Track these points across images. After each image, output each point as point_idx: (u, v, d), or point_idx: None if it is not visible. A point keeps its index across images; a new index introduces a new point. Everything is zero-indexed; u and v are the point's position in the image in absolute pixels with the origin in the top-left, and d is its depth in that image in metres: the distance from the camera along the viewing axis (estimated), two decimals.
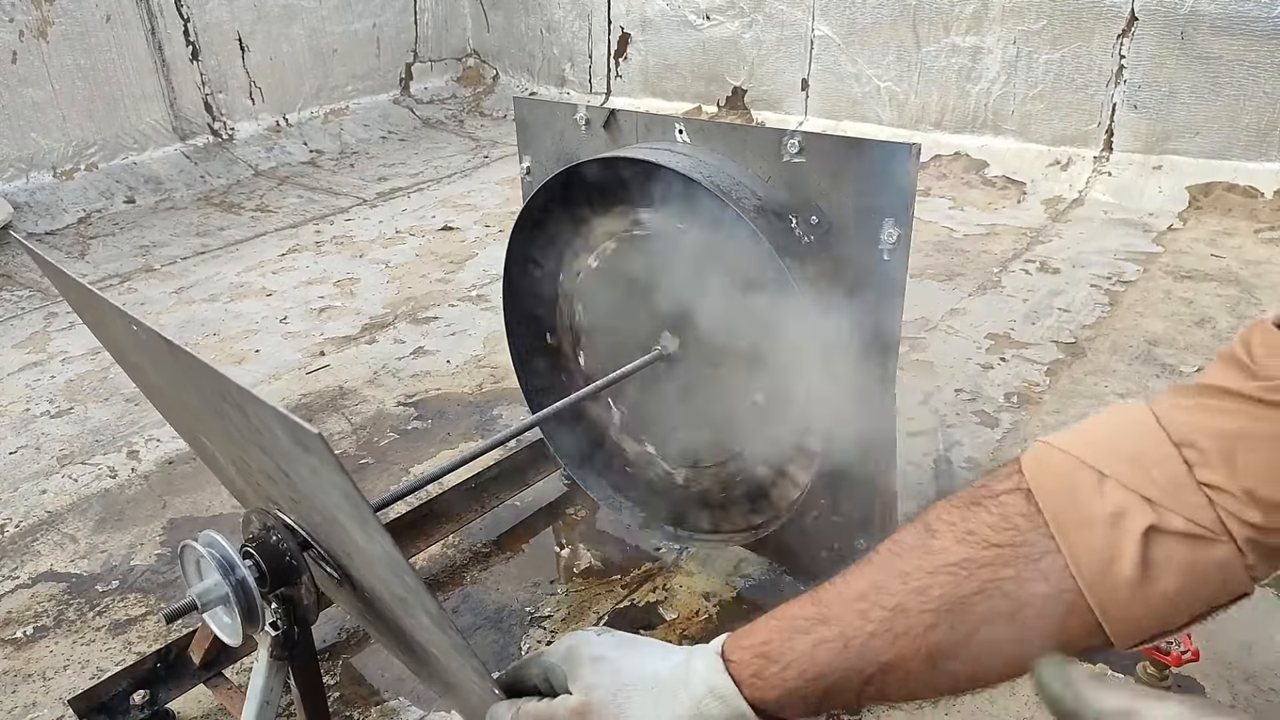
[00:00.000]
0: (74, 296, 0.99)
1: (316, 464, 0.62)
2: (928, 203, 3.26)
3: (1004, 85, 3.42)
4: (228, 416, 0.78)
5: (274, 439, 0.68)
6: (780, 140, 1.07)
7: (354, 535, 0.71)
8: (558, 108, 1.33)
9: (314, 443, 0.58)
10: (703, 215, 1.14)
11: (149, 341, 0.80)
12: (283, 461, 0.73)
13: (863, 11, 3.64)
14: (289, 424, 0.60)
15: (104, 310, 0.89)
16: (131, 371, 1.05)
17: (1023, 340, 2.28)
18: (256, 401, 0.64)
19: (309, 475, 0.68)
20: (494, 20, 4.92)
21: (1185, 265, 2.69)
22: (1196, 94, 3.07)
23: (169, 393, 0.96)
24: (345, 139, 4.34)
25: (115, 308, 0.83)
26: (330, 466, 0.59)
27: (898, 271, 1.03)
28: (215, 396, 0.76)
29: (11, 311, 2.71)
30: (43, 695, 1.34)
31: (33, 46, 3.36)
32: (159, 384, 0.95)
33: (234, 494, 1.15)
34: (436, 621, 0.70)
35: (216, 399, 0.77)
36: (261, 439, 0.73)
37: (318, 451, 0.59)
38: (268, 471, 0.82)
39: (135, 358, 0.94)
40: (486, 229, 3.23)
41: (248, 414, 0.70)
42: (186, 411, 0.96)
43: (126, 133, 3.70)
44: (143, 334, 0.80)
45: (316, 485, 0.68)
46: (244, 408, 0.70)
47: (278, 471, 0.78)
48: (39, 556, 1.64)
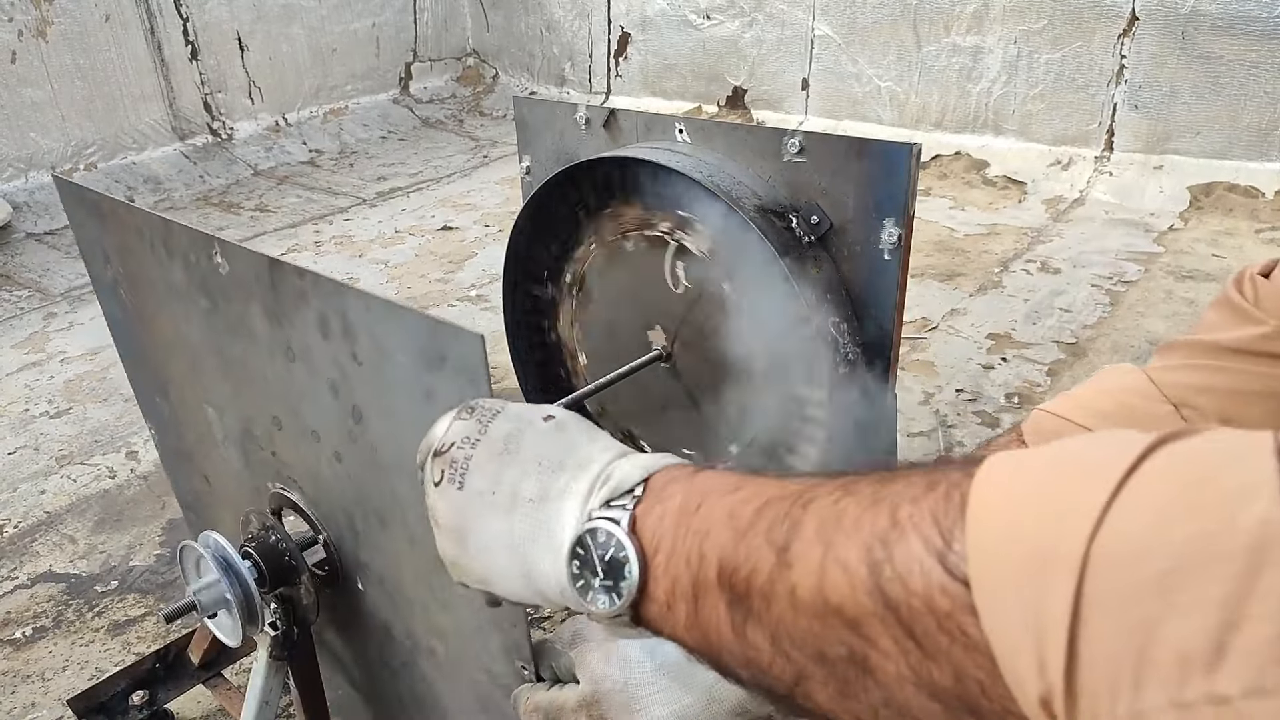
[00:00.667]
0: (115, 239, 0.96)
1: (449, 379, 0.62)
2: (928, 202, 3.26)
3: (1005, 85, 3.42)
4: (296, 356, 0.78)
5: (387, 365, 0.67)
6: (781, 140, 1.06)
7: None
8: (558, 107, 1.33)
9: (473, 343, 0.57)
10: (703, 215, 1.13)
11: (233, 268, 0.79)
12: (375, 397, 0.72)
13: (863, 11, 3.63)
14: (446, 329, 0.59)
15: (168, 241, 0.87)
16: (145, 330, 1.03)
17: (1024, 340, 2.28)
18: (401, 311, 0.63)
19: (412, 405, 0.67)
20: (494, 20, 4.92)
21: (1186, 265, 2.69)
22: (1197, 94, 3.07)
23: (198, 353, 0.94)
24: (344, 139, 4.34)
25: (198, 231, 0.82)
26: (481, 379, 0.58)
27: (898, 271, 1.03)
28: (302, 329, 0.75)
29: (10, 312, 2.71)
30: (41, 696, 1.33)
31: (32, 46, 3.36)
32: (193, 341, 0.93)
33: (186, 501, 1.14)
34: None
35: (293, 337, 0.77)
36: (345, 375, 0.73)
37: (473, 352, 0.58)
38: (315, 429, 0.82)
39: (177, 307, 0.92)
40: (486, 229, 3.23)
41: (358, 338, 0.70)
42: (207, 377, 0.95)
43: (126, 132, 3.69)
44: (227, 259, 0.79)
45: (412, 417, 0.67)
46: (364, 330, 0.69)
47: (338, 421, 0.77)
48: (38, 557, 1.64)
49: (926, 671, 0.34)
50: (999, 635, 0.31)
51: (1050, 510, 0.31)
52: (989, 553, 0.32)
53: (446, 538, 0.51)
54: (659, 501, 0.46)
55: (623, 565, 0.44)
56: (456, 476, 0.50)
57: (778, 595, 0.39)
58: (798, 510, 0.40)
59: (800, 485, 0.42)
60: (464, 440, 0.51)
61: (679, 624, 0.44)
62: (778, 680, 0.40)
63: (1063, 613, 0.29)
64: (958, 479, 0.35)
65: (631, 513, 0.45)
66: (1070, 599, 0.29)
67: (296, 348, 0.78)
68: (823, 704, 0.39)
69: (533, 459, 0.49)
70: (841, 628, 0.36)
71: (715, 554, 0.42)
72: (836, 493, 0.39)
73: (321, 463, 0.84)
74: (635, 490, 0.46)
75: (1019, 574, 0.30)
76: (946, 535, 0.34)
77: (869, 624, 0.35)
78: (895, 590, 0.34)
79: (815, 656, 0.38)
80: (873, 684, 0.36)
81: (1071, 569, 0.29)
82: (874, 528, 0.36)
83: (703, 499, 0.44)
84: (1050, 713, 0.30)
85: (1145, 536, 0.28)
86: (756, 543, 0.40)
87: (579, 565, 0.46)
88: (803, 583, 0.38)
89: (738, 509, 0.42)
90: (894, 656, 0.35)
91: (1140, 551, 0.28)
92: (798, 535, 0.39)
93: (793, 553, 0.39)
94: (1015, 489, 0.33)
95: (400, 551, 0.80)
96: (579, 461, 0.49)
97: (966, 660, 0.32)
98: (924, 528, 0.34)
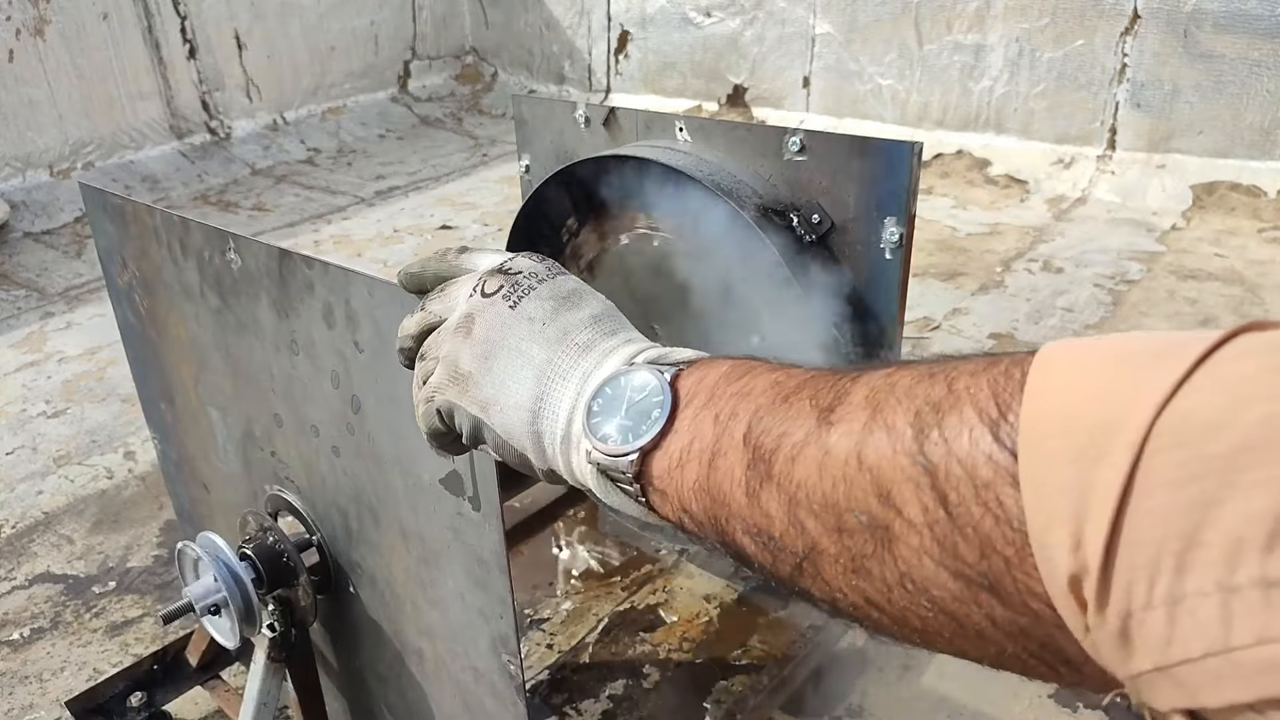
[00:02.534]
0: (135, 244, 0.98)
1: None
2: (930, 201, 3.25)
3: (1007, 83, 3.41)
4: (300, 349, 0.80)
5: (388, 350, 0.68)
6: (781, 138, 1.06)
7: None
8: (557, 105, 1.32)
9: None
10: (703, 214, 1.13)
11: (244, 263, 0.83)
12: (375, 384, 0.73)
13: (864, 9, 3.62)
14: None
15: (185, 240, 0.90)
16: (156, 333, 1.04)
17: (1026, 340, 2.27)
18: (404, 295, 0.62)
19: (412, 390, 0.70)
20: (493, 17, 4.91)
21: (1189, 265, 2.68)
22: (1200, 93, 3.06)
23: (206, 354, 0.96)
24: (343, 137, 4.33)
25: (213, 228, 0.86)
26: None
27: (899, 270, 1.02)
28: (307, 320, 0.77)
29: (8, 312, 2.70)
30: (40, 697, 1.33)
31: (29, 45, 3.35)
32: (202, 341, 0.95)
33: (184, 511, 1.15)
34: (495, 554, 0.69)
35: (298, 329, 0.78)
36: (347, 365, 0.74)
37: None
38: (315, 423, 0.83)
39: (188, 308, 0.94)
40: (485, 227, 3.22)
41: (360, 325, 0.71)
42: (213, 377, 0.97)
43: (123, 131, 3.68)
44: (240, 254, 0.83)
45: (411, 402, 0.70)
46: (367, 316, 0.70)
47: (338, 412, 0.79)
48: (36, 558, 1.63)
49: (952, 544, 0.32)
50: (1037, 509, 0.29)
51: (1116, 387, 0.29)
52: (1044, 422, 0.30)
53: (472, 348, 0.49)
54: (704, 366, 0.45)
55: (651, 409, 0.43)
56: (513, 296, 0.49)
57: (806, 458, 0.37)
58: (847, 381, 0.38)
59: (852, 369, 0.40)
60: (531, 273, 0.50)
61: (684, 485, 0.42)
62: (785, 551, 0.38)
63: (1113, 487, 0.27)
64: (1020, 357, 0.33)
65: (676, 369, 0.44)
66: (1124, 473, 0.26)
67: (301, 340, 0.80)
68: (830, 581, 0.37)
69: (590, 316, 0.49)
70: (870, 493, 0.35)
71: (748, 413, 0.40)
72: (890, 368, 0.38)
73: (319, 458, 0.85)
74: (681, 365, 0.45)
75: (1072, 448, 0.28)
76: (1003, 406, 0.32)
77: (901, 489, 0.34)
78: (938, 453, 0.33)
79: (833, 527, 0.36)
80: (890, 558, 0.34)
81: (1130, 443, 0.27)
82: (928, 395, 0.34)
83: (749, 370, 0.43)
84: (1078, 595, 0.28)
85: (1216, 414, 0.26)
86: (798, 408, 0.39)
87: (600, 404, 0.45)
88: (840, 444, 0.36)
89: (784, 379, 0.41)
90: (919, 527, 0.33)
91: (1208, 428, 0.26)
92: (844, 400, 0.37)
93: (836, 414, 0.37)
94: (1080, 364, 0.31)
95: (393, 546, 0.81)
96: (631, 336, 0.49)
97: (996, 534, 0.31)
98: (980, 398, 0.33)
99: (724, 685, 1.29)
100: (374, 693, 0.97)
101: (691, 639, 1.37)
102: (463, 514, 0.73)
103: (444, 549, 0.76)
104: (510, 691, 0.76)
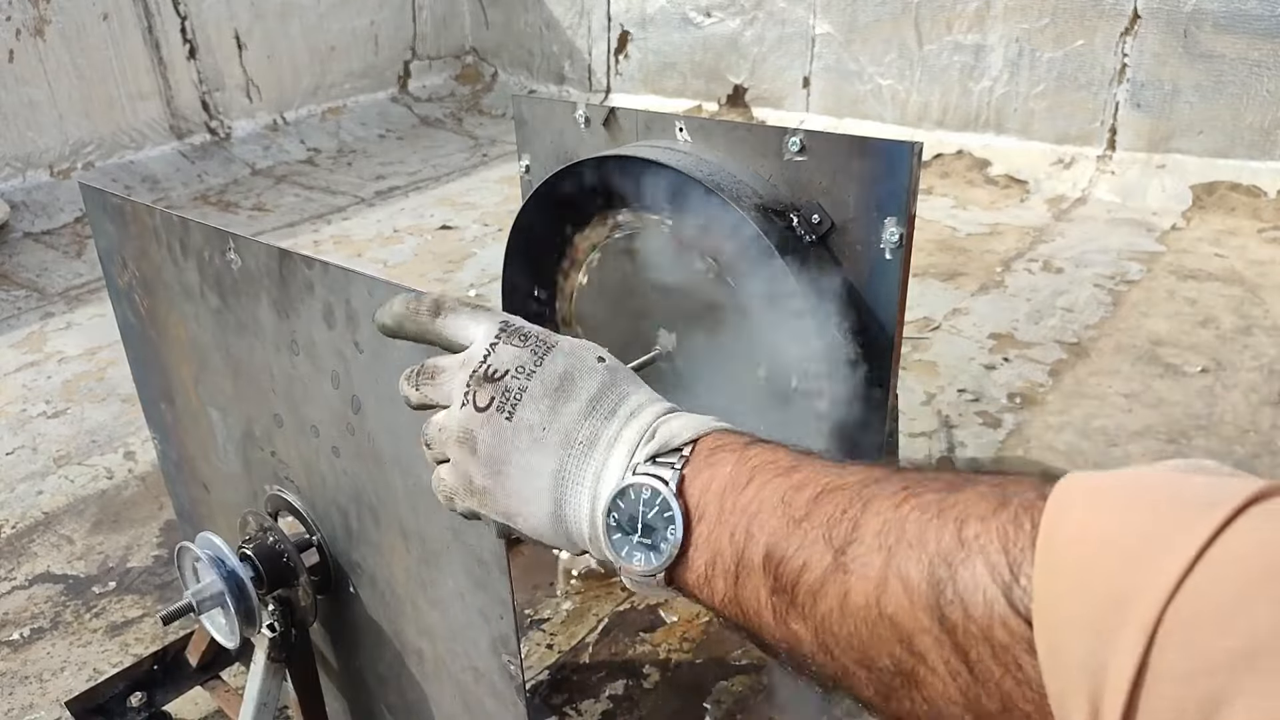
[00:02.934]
0: (135, 244, 0.98)
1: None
2: (930, 201, 3.25)
3: (1007, 83, 3.41)
4: (300, 349, 0.80)
5: (387, 349, 0.69)
6: (781, 139, 1.06)
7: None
8: (557, 106, 1.32)
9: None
10: (704, 214, 1.13)
11: (245, 263, 0.83)
12: (375, 384, 0.74)
13: (864, 9, 3.62)
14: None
15: (185, 240, 0.90)
16: (156, 334, 1.04)
17: (1026, 340, 2.27)
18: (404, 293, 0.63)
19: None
20: (493, 17, 4.91)
21: (1189, 265, 2.68)
22: (1200, 93, 3.06)
23: (206, 354, 0.96)
24: (343, 137, 4.33)
25: (213, 228, 0.85)
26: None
27: (899, 270, 1.02)
28: (307, 320, 0.77)
29: (8, 312, 2.70)
30: (39, 697, 1.33)
31: (29, 45, 3.35)
32: (202, 342, 0.95)
33: (184, 511, 1.15)
34: (495, 555, 0.70)
35: (298, 329, 0.78)
36: (347, 365, 0.75)
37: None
38: (315, 423, 0.83)
39: (188, 308, 0.94)
40: (485, 228, 3.22)
41: (360, 325, 0.72)
42: (213, 378, 0.97)
43: (123, 131, 3.68)
44: (240, 254, 0.83)
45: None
46: (367, 316, 0.70)
47: (338, 413, 0.79)
48: (36, 558, 1.63)
49: (975, 696, 0.33)
50: (1055, 678, 0.30)
51: (1128, 557, 0.29)
52: (1056, 594, 0.30)
53: (480, 466, 0.49)
54: (707, 467, 0.45)
55: (665, 526, 0.44)
56: (507, 407, 0.48)
57: (827, 595, 0.38)
58: (856, 508, 0.39)
59: (858, 477, 0.40)
60: (518, 370, 0.49)
61: (716, 597, 0.43)
62: (819, 667, 0.40)
63: (1126, 671, 0.27)
64: (1030, 500, 0.33)
65: (680, 473, 0.44)
66: (1137, 658, 0.27)
67: (301, 340, 0.80)
68: (865, 699, 0.38)
69: (587, 403, 0.48)
70: (892, 640, 0.36)
71: (764, 537, 0.41)
72: (899, 494, 0.38)
73: (319, 458, 0.85)
74: (683, 450, 0.45)
75: (1086, 621, 0.29)
76: (1014, 566, 0.32)
77: (921, 640, 0.34)
78: (955, 614, 0.33)
79: (860, 661, 0.37)
80: (918, 695, 0.35)
81: (1143, 627, 0.27)
82: (939, 544, 0.35)
83: (753, 475, 0.43)
84: None
85: (1227, 608, 0.26)
86: (812, 537, 0.39)
87: (615, 517, 0.45)
88: (858, 589, 0.37)
89: (792, 495, 0.41)
90: (942, 676, 0.34)
91: (1219, 623, 0.26)
92: (857, 538, 0.38)
93: (850, 555, 0.38)
94: (1091, 524, 0.31)
95: (393, 546, 0.81)
96: (631, 410, 0.48)
97: (1017, 693, 0.32)
98: (991, 553, 0.33)
99: (724, 685, 1.29)
100: (374, 693, 0.97)
101: (691, 639, 1.37)
102: None
103: (444, 549, 0.76)
104: (510, 691, 0.76)
